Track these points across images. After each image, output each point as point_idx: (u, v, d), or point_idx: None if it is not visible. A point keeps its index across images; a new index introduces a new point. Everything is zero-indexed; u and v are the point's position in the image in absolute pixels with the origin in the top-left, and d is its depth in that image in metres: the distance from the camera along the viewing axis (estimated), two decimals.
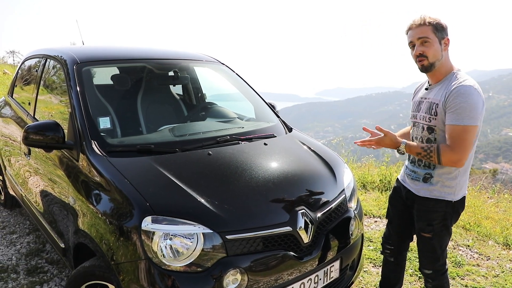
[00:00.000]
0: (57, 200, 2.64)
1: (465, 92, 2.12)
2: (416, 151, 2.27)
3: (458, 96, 2.12)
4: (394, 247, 2.72)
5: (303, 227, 2.17)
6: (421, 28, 2.22)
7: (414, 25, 2.25)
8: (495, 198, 6.04)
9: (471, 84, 2.15)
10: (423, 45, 2.22)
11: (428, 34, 2.20)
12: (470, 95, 2.11)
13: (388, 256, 2.77)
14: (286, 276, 2.12)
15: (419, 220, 2.44)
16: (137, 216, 1.95)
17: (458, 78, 2.21)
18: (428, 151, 2.22)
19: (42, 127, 2.45)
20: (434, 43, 2.20)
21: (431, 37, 2.20)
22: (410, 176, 2.48)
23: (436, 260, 2.44)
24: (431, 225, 2.37)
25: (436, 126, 2.27)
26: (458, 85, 2.16)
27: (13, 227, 4.07)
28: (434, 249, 2.42)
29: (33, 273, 3.22)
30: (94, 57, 3.05)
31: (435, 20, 2.21)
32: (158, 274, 1.90)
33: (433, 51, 2.21)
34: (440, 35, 2.21)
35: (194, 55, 3.68)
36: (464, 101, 2.10)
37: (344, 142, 8.63)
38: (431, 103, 2.29)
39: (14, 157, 3.67)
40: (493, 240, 4.31)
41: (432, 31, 2.20)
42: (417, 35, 2.23)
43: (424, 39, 2.21)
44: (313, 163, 2.70)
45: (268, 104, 3.49)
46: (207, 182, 2.23)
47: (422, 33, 2.22)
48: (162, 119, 3.16)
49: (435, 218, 2.35)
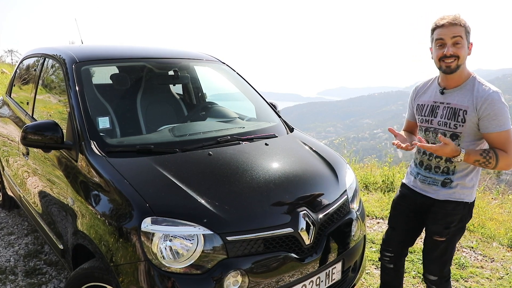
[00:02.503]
0: (56, 201, 2.62)
1: (499, 98, 2.14)
2: (475, 158, 2.14)
3: (494, 103, 2.13)
4: (394, 254, 2.64)
5: (304, 229, 2.14)
6: (455, 27, 2.12)
7: (448, 23, 2.13)
8: (500, 199, 6.01)
9: (497, 91, 2.17)
10: (455, 46, 2.13)
11: (462, 34, 2.13)
12: (501, 101, 2.15)
13: (387, 263, 2.68)
14: (287, 278, 2.10)
15: (436, 223, 2.36)
16: (137, 217, 1.93)
17: (482, 84, 2.19)
18: (487, 157, 2.13)
19: (40, 127, 2.43)
20: (464, 45, 2.15)
21: (464, 38, 2.14)
22: (426, 181, 2.39)
23: (444, 265, 2.39)
24: (448, 228, 2.32)
25: (462, 133, 2.21)
26: (490, 93, 2.15)
27: (11, 228, 4.05)
28: (445, 253, 2.37)
29: (31, 275, 3.20)
30: (93, 56, 3.03)
31: (466, 22, 2.15)
32: (157, 276, 1.88)
33: (464, 53, 2.15)
34: (468, 39, 2.17)
35: (195, 54, 3.66)
36: (500, 107, 2.13)
37: (346, 142, 8.62)
38: (456, 109, 2.21)
39: (12, 158, 3.65)
40: (497, 241, 4.29)
41: (464, 32, 2.14)
42: (452, 33, 2.12)
43: (458, 40, 2.12)
44: (315, 164, 2.67)
45: (269, 104, 3.47)
46: (208, 182, 2.21)
47: (457, 32, 2.12)
48: (162, 119, 3.14)
49: (453, 220, 2.31)
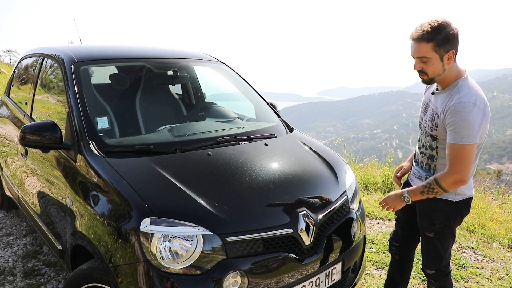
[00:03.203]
0: (55, 201, 2.61)
1: (463, 109, 2.04)
2: (419, 191, 2.22)
3: (455, 113, 2.05)
4: (399, 245, 2.70)
5: (304, 229, 2.14)
6: (420, 45, 2.06)
7: (413, 39, 2.08)
8: (500, 199, 6.00)
9: (469, 100, 2.05)
10: (423, 63, 2.10)
11: (427, 53, 2.05)
12: (468, 113, 2.03)
13: (394, 254, 2.76)
14: (287, 279, 2.09)
15: (422, 218, 2.42)
16: (136, 217, 1.92)
17: (459, 91, 2.10)
18: (429, 187, 2.18)
19: (39, 127, 2.42)
20: (434, 61, 2.06)
21: (430, 55, 2.05)
22: (415, 175, 2.47)
23: (439, 260, 2.42)
24: (432, 224, 2.35)
25: (437, 136, 2.24)
26: (456, 102, 2.06)
27: (10, 228, 4.03)
28: (437, 249, 2.39)
29: (30, 276, 3.19)
30: (92, 56, 3.02)
31: (439, 33, 2.01)
32: (157, 277, 1.87)
33: (433, 69, 2.09)
34: (442, 51, 2.04)
35: (194, 54, 3.65)
36: (461, 119, 2.04)
37: (346, 143, 8.62)
38: (434, 112, 2.23)
39: (10, 158, 3.64)
40: (498, 242, 4.28)
41: (432, 49, 2.04)
42: (415, 53, 2.09)
43: (422, 59, 2.08)
44: (315, 164, 2.67)
45: (268, 104, 3.47)
46: (207, 183, 2.21)
47: (420, 53, 2.07)
48: (161, 119, 3.13)
49: (436, 217, 2.33)
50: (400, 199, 2.28)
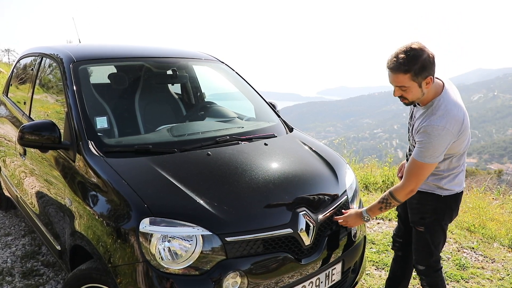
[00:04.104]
0: (53, 201, 2.60)
1: (431, 132, 2.12)
2: (377, 208, 2.35)
3: (424, 135, 2.15)
4: (402, 240, 2.72)
5: (304, 229, 2.13)
6: (397, 76, 2.09)
7: (390, 69, 2.11)
8: (500, 199, 5.99)
9: (439, 124, 2.11)
10: (402, 91, 2.15)
11: (405, 83, 2.09)
12: (435, 136, 2.11)
13: (397, 250, 2.78)
14: (286, 279, 2.09)
15: (412, 213, 2.48)
16: (135, 217, 1.92)
17: (433, 112, 2.16)
18: (386, 202, 2.32)
19: (37, 127, 2.41)
20: (413, 88, 2.11)
21: (409, 84, 2.09)
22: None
23: (429, 255, 2.45)
24: (423, 218, 2.42)
25: None
26: (427, 124, 2.14)
27: (8, 229, 4.02)
28: (427, 243, 2.44)
29: (28, 276, 3.17)
30: (91, 55, 3.01)
31: (415, 62, 2.03)
32: (156, 277, 1.86)
33: (412, 95, 2.15)
34: (420, 79, 2.07)
35: (193, 54, 3.64)
36: (428, 142, 2.13)
37: (346, 142, 8.61)
38: (414, 127, 2.30)
39: (9, 158, 3.62)
40: (498, 242, 4.27)
41: (410, 79, 2.07)
42: (394, 83, 2.15)
43: (402, 88, 2.13)
44: (315, 164, 2.66)
45: (268, 104, 3.46)
46: (206, 183, 2.20)
47: (398, 83, 2.12)
48: (161, 119, 3.12)
49: (426, 211, 2.39)
50: (360, 218, 2.36)
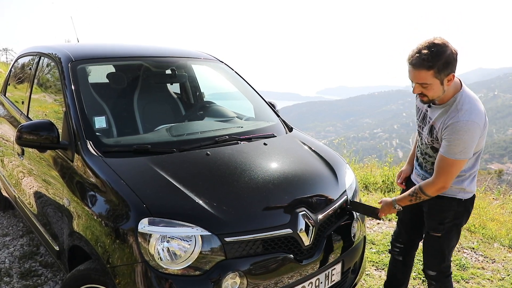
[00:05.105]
0: (52, 201, 2.59)
1: (461, 129, 2.04)
2: (407, 200, 2.33)
3: (453, 132, 2.07)
4: (403, 246, 2.68)
5: (303, 229, 2.12)
6: (420, 73, 2.01)
7: (412, 65, 2.03)
8: (501, 199, 5.98)
9: (468, 119, 2.04)
10: (422, 88, 2.07)
11: (427, 80, 2.02)
12: (465, 131, 2.04)
13: (396, 255, 2.73)
14: (286, 280, 2.08)
15: (431, 219, 2.40)
16: (134, 218, 1.91)
17: (458, 108, 2.08)
18: (416, 195, 2.28)
19: (36, 127, 2.40)
20: (435, 85, 2.04)
21: (431, 81, 2.02)
22: (420, 177, 2.46)
23: (441, 261, 2.41)
24: (442, 223, 2.35)
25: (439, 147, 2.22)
26: (455, 121, 2.06)
27: (6, 229, 4.00)
28: (442, 249, 2.39)
29: (26, 277, 3.16)
30: (89, 54, 3.00)
31: (439, 59, 1.96)
32: (155, 278, 1.85)
33: (433, 93, 2.07)
34: (442, 76, 2.00)
35: (192, 53, 3.63)
36: (458, 138, 2.06)
37: (346, 142, 8.60)
38: (432, 126, 2.22)
39: (7, 158, 3.61)
40: (499, 242, 4.26)
41: (432, 76, 2.00)
42: (415, 80, 2.06)
43: (423, 85, 2.06)
44: (314, 164, 2.65)
45: (268, 103, 3.45)
46: (206, 183, 2.19)
47: (420, 79, 2.03)
48: (159, 119, 3.12)
49: (447, 216, 2.33)
50: (391, 207, 2.39)
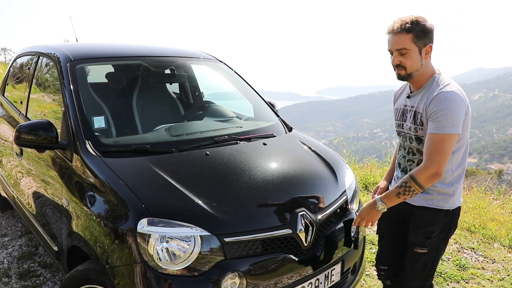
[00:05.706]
0: (50, 201, 2.59)
1: (446, 98, 1.99)
2: (395, 193, 2.06)
3: (439, 102, 1.99)
4: (387, 267, 2.45)
5: (303, 230, 2.12)
6: (399, 36, 2.02)
7: (392, 31, 2.05)
8: (501, 199, 5.98)
9: (453, 90, 2.01)
10: (401, 56, 2.05)
11: (406, 45, 2.02)
12: (451, 101, 1.98)
13: (383, 279, 2.50)
14: (286, 280, 2.07)
15: (416, 233, 2.22)
16: (133, 218, 1.90)
17: (439, 84, 2.06)
18: (405, 186, 2.03)
19: (34, 127, 2.39)
20: (413, 53, 2.03)
21: (410, 47, 2.02)
22: None
23: (426, 279, 2.27)
24: (429, 238, 2.18)
25: (423, 137, 2.11)
26: (439, 92, 2.02)
27: (5, 229, 3.99)
28: (426, 266, 2.25)
29: (25, 277, 3.15)
30: (88, 54, 3.00)
31: (417, 24, 2.00)
32: (154, 278, 1.85)
33: (411, 62, 2.05)
34: (421, 43, 2.02)
35: (192, 53, 3.62)
36: (445, 108, 1.97)
37: (345, 142, 8.60)
38: (416, 112, 2.14)
39: (5, 158, 3.61)
40: (499, 242, 4.27)
41: (411, 40, 2.01)
42: (395, 45, 2.05)
43: (402, 51, 2.04)
44: (314, 164, 2.65)
45: (267, 103, 3.44)
46: (205, 183, 2.19)
47: (400, 44, 2.03)
48: (158, 119, 3.11)
49: (434, 230, 2.18)
50: (375, 210, 2.11)
